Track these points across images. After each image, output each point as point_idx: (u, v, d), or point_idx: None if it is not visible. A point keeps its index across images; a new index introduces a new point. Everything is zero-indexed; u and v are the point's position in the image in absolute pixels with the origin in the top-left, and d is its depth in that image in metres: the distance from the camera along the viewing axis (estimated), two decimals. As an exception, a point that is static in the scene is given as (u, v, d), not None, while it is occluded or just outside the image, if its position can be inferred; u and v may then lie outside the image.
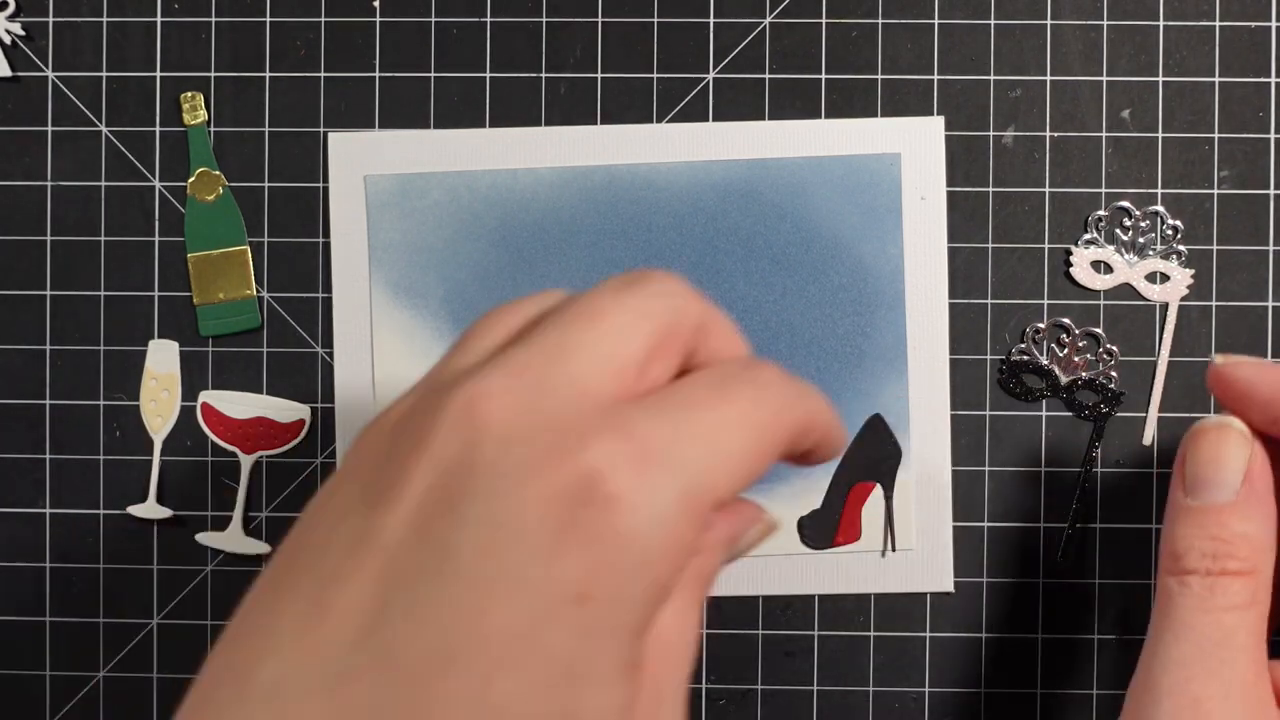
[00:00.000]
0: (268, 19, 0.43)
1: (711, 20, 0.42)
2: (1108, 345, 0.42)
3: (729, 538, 0.31)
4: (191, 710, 0.25)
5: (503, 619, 0.23)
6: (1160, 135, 0.42)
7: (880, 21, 0.42)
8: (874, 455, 0.41)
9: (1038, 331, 0.42)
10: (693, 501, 0.25)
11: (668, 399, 0.26)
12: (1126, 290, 0.42)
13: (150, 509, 0.43)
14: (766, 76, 0.42)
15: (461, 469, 0.24)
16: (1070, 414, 0.42)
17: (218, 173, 0.43)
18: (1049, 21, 0.42)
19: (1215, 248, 0.42)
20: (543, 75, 0.42)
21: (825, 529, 0.42)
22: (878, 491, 0.42)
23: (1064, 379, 0.42)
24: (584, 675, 0.24)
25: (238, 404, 0.43)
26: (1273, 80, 0.42)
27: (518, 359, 0.26)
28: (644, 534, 0.24)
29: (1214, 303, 0.42)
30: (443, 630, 0.23)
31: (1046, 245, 0.42)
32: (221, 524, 0.43)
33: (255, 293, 0.43)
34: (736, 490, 0.27)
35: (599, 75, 0.42)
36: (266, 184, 0.43)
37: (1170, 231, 0.42)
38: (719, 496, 0.26)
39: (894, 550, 0.42)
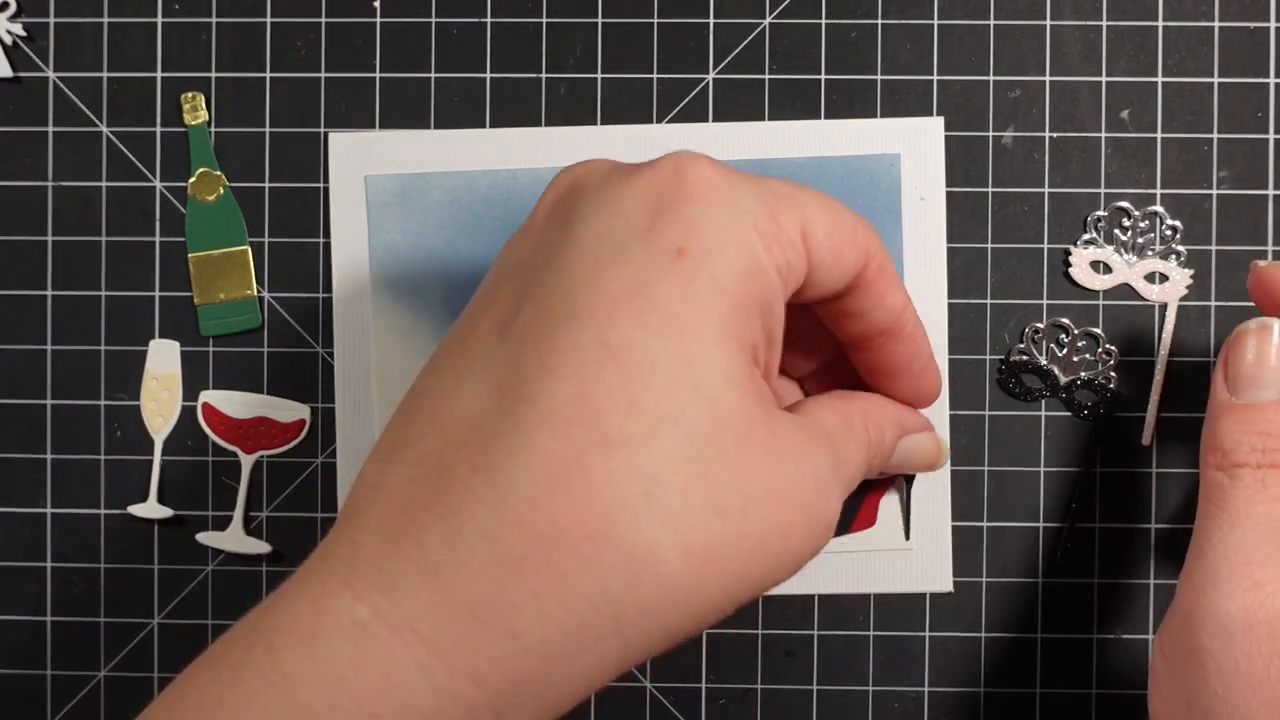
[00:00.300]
0: (268, 19, 0.43)
1: (711, 20, 0.42)
2: (1107, 345, 0.42)
3: (900, 421, 0.35)
4: (380, 440, 0.29)
5: (615, 276, 0.27)
6: (1159, 136, 0.42)
7: (880, 22, 0.42)
8: None
9: (1037, 331, 0.42)
10: (769, 208, 0.29)
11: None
12: (1126, 290, 0.42)
13: (151, 509, 0.43)
14: (766, 77, 0.42)
15: (573, 190, 0.29)
16: (1070, 414, 0.42)
17: (218, 173, 0.43)
18: (1048, 22, 0.42)
19: (1214, 248, 0.42)
20: (543, 75, 0.42)
21: (843, 517, 0.42)
22: (898, 480, 0.42)
23: (1063, 379, 0.42)
24: (693, 327, 0.27)
25: (238, 404, 0.43)
26: (1271, 81, 0.42)
27: None
28: (726, 202, 0.28)
29: (1213, 303, 0.42)
30: (566, 295, 0.27)
31: (1046, 245, 0.42)
32: (222, 524, 0.43)
33: (256, 293, 0.43)
34: (816, 240, 0.30)
35: (599, 75, 0.42)
36: (267, 184, 0.43)
37: (1169, 232, 0.42)
38: (802, 224, 0.29)
39: (908, 539, 0.42)
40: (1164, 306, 0.42)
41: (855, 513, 0.41)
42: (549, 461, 0.26)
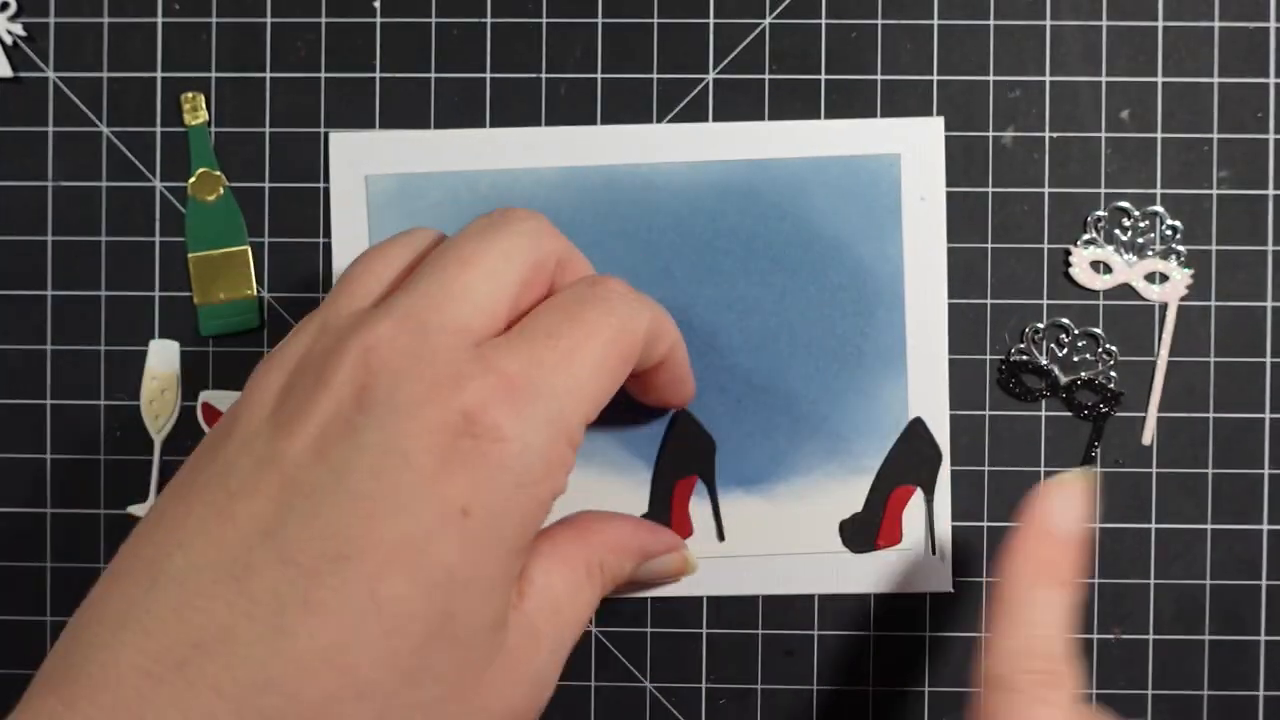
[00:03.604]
0: (268, 19, 0.43)
1: (711, 20, 0.42)
2: (1107, 345, 0.42)
3: (642, 549, 0.36)
4: (101, 593, 0.27)
5: (392, 529, 0.26)
6: (1159, 135, 0.42)
7: (880, 22, 0.42)
8: (915, 459, 0.41)
9: (1037, 331, 0.42)
10: (559, 425, 0.28)
11: (526, 332, 0.29)
12: (1126, 290, 0.42)
13: (150, 509, 0.43)
14: (766, 77, 0.42)
15: (358, 403, 0.27)
16: (1070, 414, 0.42)
17: (218, 173, 0.43)
18: (1048, 22, 0.42)
19: (1214, 248, 0.42)
20: (543, 75, 0.42)
21: (867, 532, 0.42)
22: (918, 495, 0.42)
23: (1063, 379, 0.42)
24: (464, 582, 0.27)
25: (238, 404, 0.43)
26: (1271, 81, 0.42)
27: (402, 306, 0.29)
28: (518, 457, 0.27)
29: (1213, 303, 0.42)
30: (336, 535, 0.26)
31: (1046, 245, 0.42)
32: (222, 524, 0.43)
33: (256, 293, 0.43)
34: (599, 403, 0.30)
35: (599, 75, 0.42)
36: (267, 184, 0.43)
37: (1169, 231, 0.42)
38: (585, 414, 0.29)
39: (934, 553, 0.42)
40: (1164, 306, 0.42)
41: (878, 529, 0.41)
42: (299, 708, 0.25)
